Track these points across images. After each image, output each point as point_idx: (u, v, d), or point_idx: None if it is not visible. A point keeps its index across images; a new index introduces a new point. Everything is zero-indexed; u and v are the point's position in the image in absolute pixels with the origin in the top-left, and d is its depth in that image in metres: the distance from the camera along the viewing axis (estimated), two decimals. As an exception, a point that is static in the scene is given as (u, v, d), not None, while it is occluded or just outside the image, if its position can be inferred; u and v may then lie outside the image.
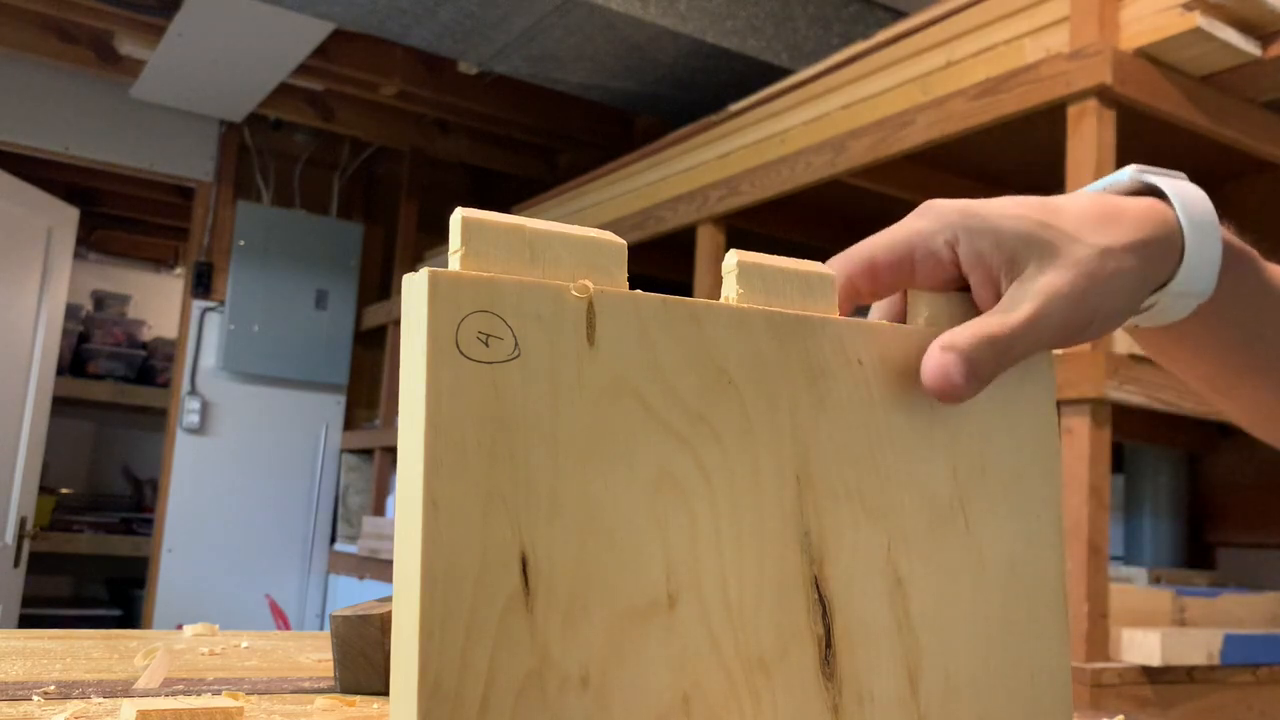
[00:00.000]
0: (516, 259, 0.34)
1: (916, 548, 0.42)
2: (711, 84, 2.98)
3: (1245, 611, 1.83)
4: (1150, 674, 1.56)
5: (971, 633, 0.43)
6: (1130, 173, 0.54)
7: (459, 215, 0.34)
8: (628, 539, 0.35)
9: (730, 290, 0.40)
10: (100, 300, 5.24)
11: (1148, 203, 0.52)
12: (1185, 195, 0.52)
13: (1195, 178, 0.63)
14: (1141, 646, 1.55)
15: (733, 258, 0.40)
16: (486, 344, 0.33)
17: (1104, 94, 1.60)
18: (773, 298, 0.40)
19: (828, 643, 0.39)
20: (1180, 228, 0.51)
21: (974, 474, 0.44)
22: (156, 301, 5.48)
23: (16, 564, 3.61)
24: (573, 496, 0.34)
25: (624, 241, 0.37)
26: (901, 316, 0.48)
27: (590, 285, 0.35)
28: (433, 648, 0.30)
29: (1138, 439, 2.20)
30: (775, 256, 0.42)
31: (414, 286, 0.32)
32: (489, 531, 0.32)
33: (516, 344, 0.33)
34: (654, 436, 0.36)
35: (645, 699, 0.34)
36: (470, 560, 0.31)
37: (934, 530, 0.43)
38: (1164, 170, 0.54)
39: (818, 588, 0.39)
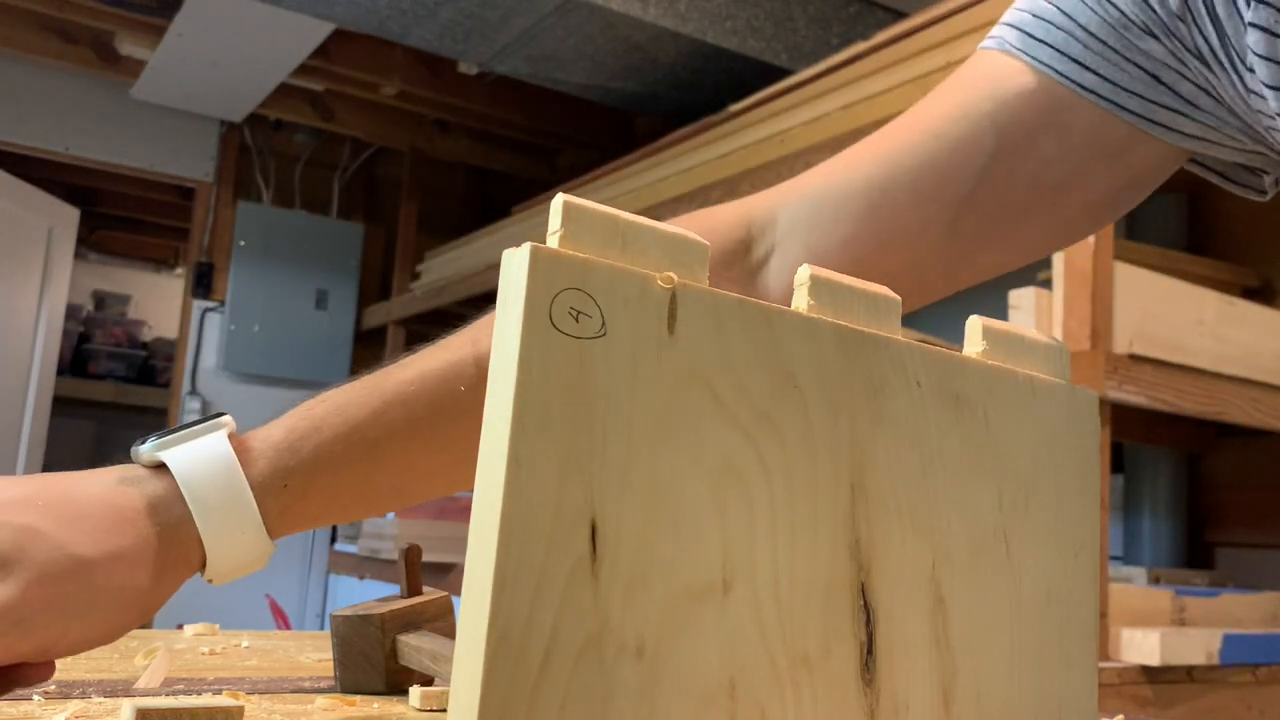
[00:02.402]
0: (609, 245, 0.36)
1: (959, 570, 0.43)
2: (711, 84, 2.98)
3: (1244, 611, 1.83)
4: (1150, 674, 1.56)
5: (1005, 658, 0.45)
6: (149, 447, 0.52)
7: (560, 200, 0.36)
8: (690, 520, 0.36)
9: (801, 302, 0.41)
10: (100, 300, 5.24)
11: (150, 495, 0.50)
12: (197, 477, 0.51)
13: (1195, 178, 0.62)
14: (1141, 646, 1.55)
15: (805, 271, 0.42)
16: (576, 320, 0.34)
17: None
18: (841, 313, 0.42)
19: (869, 649, 0.40)
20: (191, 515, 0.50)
21: (1017, 506, 0.46)
22: (156, 301, 5.48)
23: (17, 564, 3.60)
24: (642, 473, 0.35)
25: (708, 243, 0.39)
26: None
27: (674, 277, 0.37)
28: (504, 599, 0.31)
29: (1138, 439, 2.20)
30: (844, 275, 0.43)
31: (515, 260, 0.34)
32: (564, 494, 0.33)
33: (604, 323, 0.35)
34: (721, 427, 0.37)
35: (694, 677, 0.35)
36: (545, 519, 0.33)
37: (976, 555, 0.44)
38: (198, 430, 0.52)
39: (863, 594, 0.40)
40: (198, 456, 0.51)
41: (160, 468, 0.52)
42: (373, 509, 0.60)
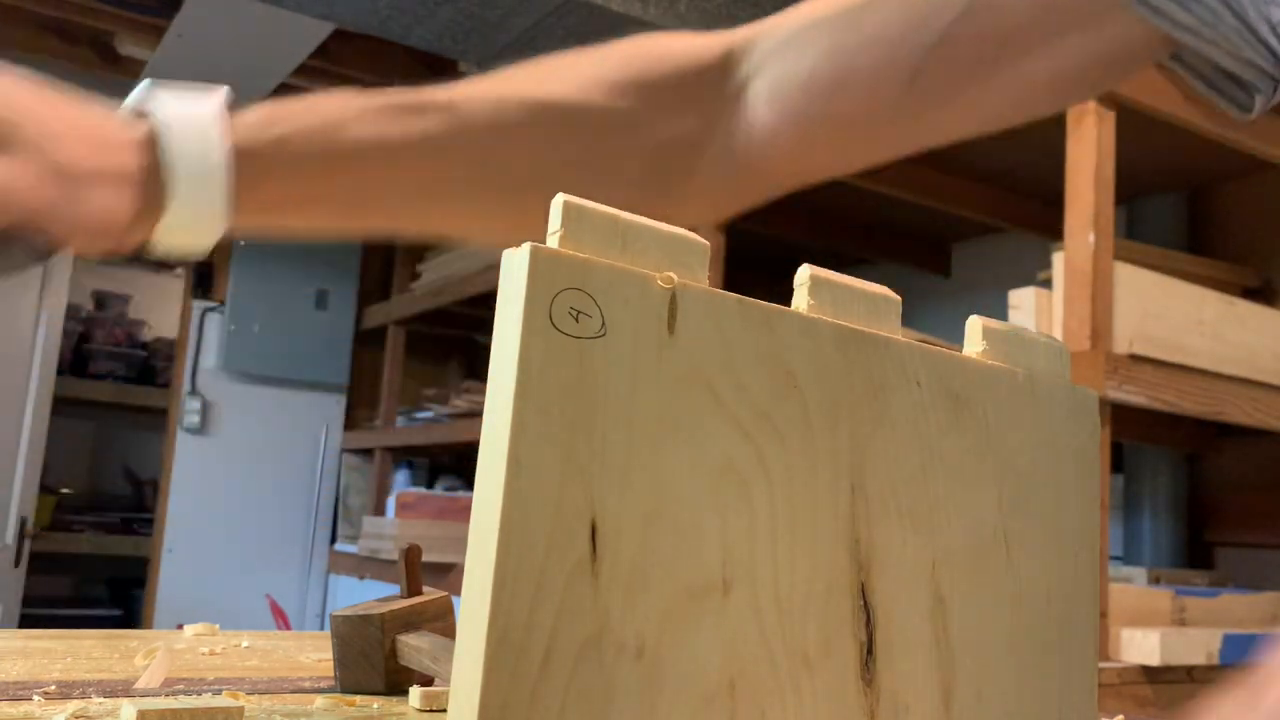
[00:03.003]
0: (609, 246, 0.36)
1: (959, 571, 0.43)
2: (711, 84, 2.98)
3: (1244, 611, 1.83)
4: (1150, 673, 1.56)
5: (1005, 659, 0.45)
6: (143, 89, 0.55)
7: (560, 199, 0.36)
8: (690, 521, 0.36)
9: (801, 302, 0.41)
10: (100, 300, 5.24)
11: (134, 137, 0.53)
12: (187, 136, 0.53)
13: (1195, 178, 0.62)
14: (1141, 646, 1.55)
15: (805, 271, 0.42)
16: (576, 320, 0.34)
17: (1104, 94, 1.60)
18: (840, 313, 0.42)
19: (869, 649, 0.40)
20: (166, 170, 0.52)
21: (1018, 507, 0.46)
22: (156, 301, 5.47)
23: (17, 564, 3.61)
24: (643, 474, 0.35)
25: (708, 242, 0.39)
26: None
27: (674, 278, 0.37)
28: (504, 599, 0.32)
29: (1137, 439, 2.20)
30: (844, 275, 0.43)
31: (515, 260, 0.34)
32: (564, 495, 0.33)
33: (604, 323, 0.35)
34: (722, 427, 0.37)
35: (695, 677, 0.35)
36: (545, 519, 0.33)
37: (976, 556, 0.44)
38: (196, 87, 0.55)
39: (863, 595, 0.40)
40: (184, 108, 0.54)
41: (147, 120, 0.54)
42: (325, 216, 0.62)
